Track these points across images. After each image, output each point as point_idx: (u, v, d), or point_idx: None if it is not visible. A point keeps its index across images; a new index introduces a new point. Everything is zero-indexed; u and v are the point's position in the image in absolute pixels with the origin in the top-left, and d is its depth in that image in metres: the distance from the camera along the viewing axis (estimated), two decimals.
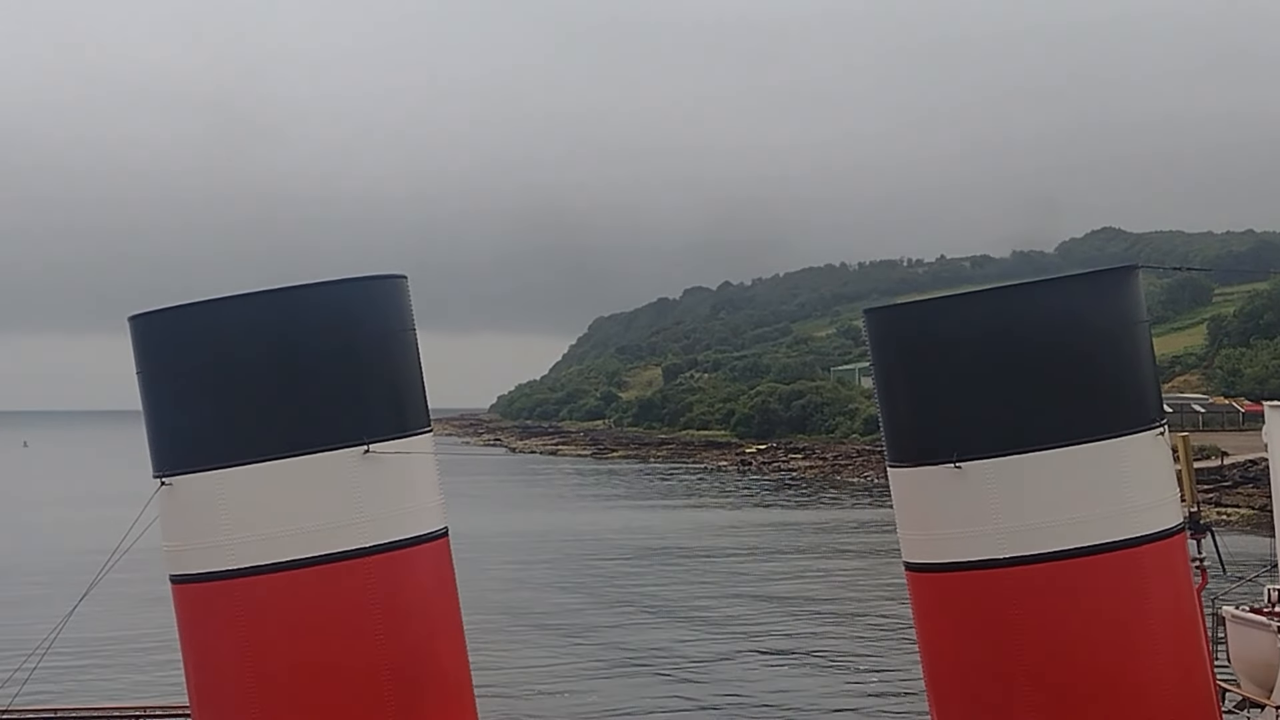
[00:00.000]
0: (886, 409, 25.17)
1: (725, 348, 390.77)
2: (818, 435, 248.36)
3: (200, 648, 23.90)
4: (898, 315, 26.15)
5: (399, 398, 24.19)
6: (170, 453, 23.71)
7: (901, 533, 25.20)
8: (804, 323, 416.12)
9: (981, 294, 25.46)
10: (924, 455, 24.12)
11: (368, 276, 24.39)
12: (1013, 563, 23.34)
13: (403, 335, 24.45)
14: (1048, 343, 23.71)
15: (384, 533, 23.35)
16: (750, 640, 69.13)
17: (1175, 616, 24.06)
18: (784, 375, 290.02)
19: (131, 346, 24.30)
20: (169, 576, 24.17)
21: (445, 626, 24.39)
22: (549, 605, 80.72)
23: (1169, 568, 24.14)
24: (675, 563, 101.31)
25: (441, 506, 24.62)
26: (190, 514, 23.43)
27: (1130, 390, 24.27)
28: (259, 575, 22.96)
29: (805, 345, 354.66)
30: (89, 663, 60.49)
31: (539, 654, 65.18)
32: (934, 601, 24.68)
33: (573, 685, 58.44)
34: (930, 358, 24.16)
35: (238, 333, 23.24)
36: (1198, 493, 26.63)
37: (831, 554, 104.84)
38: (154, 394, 24.04)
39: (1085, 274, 25.50)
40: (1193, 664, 24.28)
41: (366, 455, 23.25)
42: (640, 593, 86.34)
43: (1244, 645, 35.59)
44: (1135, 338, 24.59)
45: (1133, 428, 23.86)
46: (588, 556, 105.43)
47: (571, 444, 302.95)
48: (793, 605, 79.96)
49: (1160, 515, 24.05)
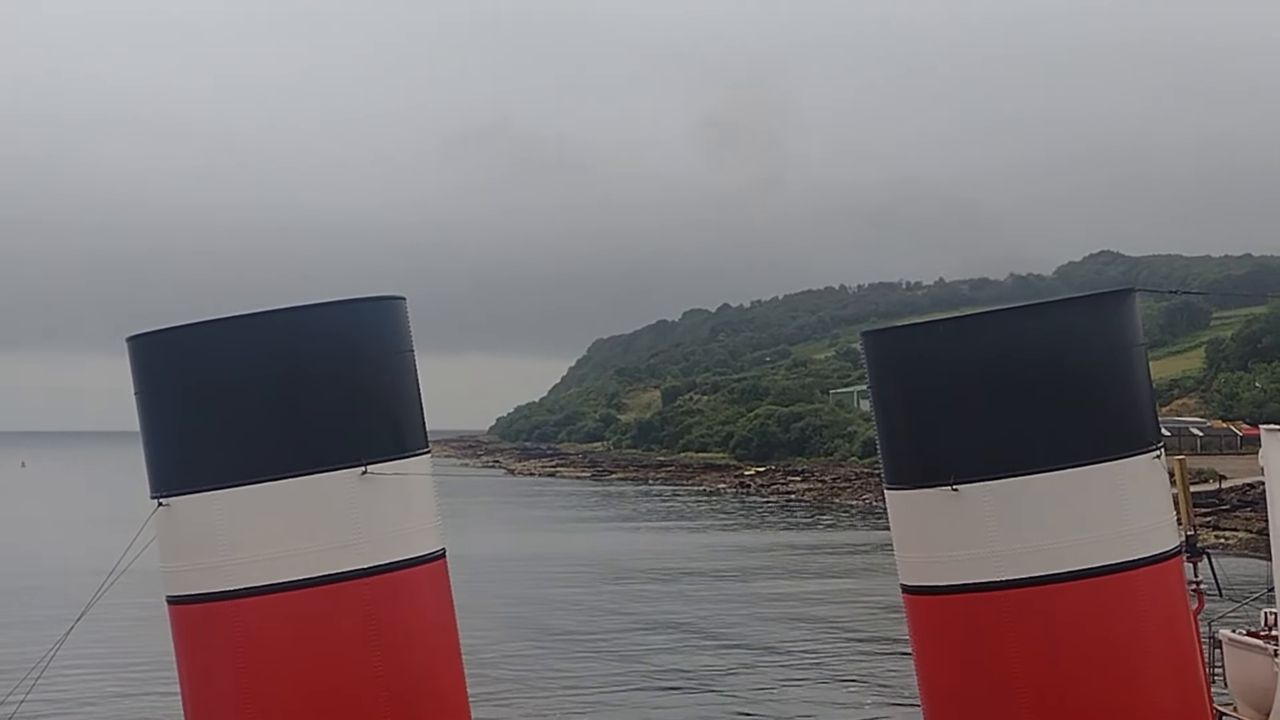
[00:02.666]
0: (884, 431, 25.23)
1: (724, 370, 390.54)
2: (816, 458, 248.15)
3: (197, 669, 23.87)
4: (895, 338, 26.24)
5: (397, 419, 24.20)
6: (168, 473, 23.73)
7: (899, 555, 25.23)
8: (803, 345, 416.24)
9: (979, 317, 25.51)
10: (921, 477, 24.17)
11: (366, 298, 24.43)
12: (1009, 585, 23.38)
13: (401, 357, 24.48)
14: (1045, 365, 23.80)
15: (382, 554, 23.35)
16: (749, 655, 69.08)
17: (1172, 639, 24.09)
18: (783, 397, 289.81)
19: (130, 367, 24.35)
20: (166, 597, 24.16)
21: (443, 648, 24.37)
22: (546, 626, 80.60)
23: (1166, 591, 24.17)
24: (674, 584, 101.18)
25: (440, 528, 24.62)
26: (187, 535, 23.44)
27: (1127, 413, 24.34)
28: (256, 596, 22.96)
29: (804, 368, 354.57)
30: (85, 684, 60.26)
31: (536, 675, 65.03)
32: (930, 623, 24.70)
33: (568, 705, 58.33)
34: (927, 380, 24.23)
35: (236, 353, 23.27)
36: (1195, 516, 26.68)
37: (829, 575, 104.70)
38: (152, 414, 24.06)
39: (1082, 297, 25.57)
40: (1189, 687, 24.29)
41: (364, 476, 23.26)
42: (637, 613, 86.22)
43: (1241, 669, 35.57)
44: (1132, 361, 24.67)
45: (1130, 451, 23.94)
46: (586, 578, 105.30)
47: (570, 466, 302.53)
48: (790, 625, 79.84)
49: (1157, 538, 24.09)
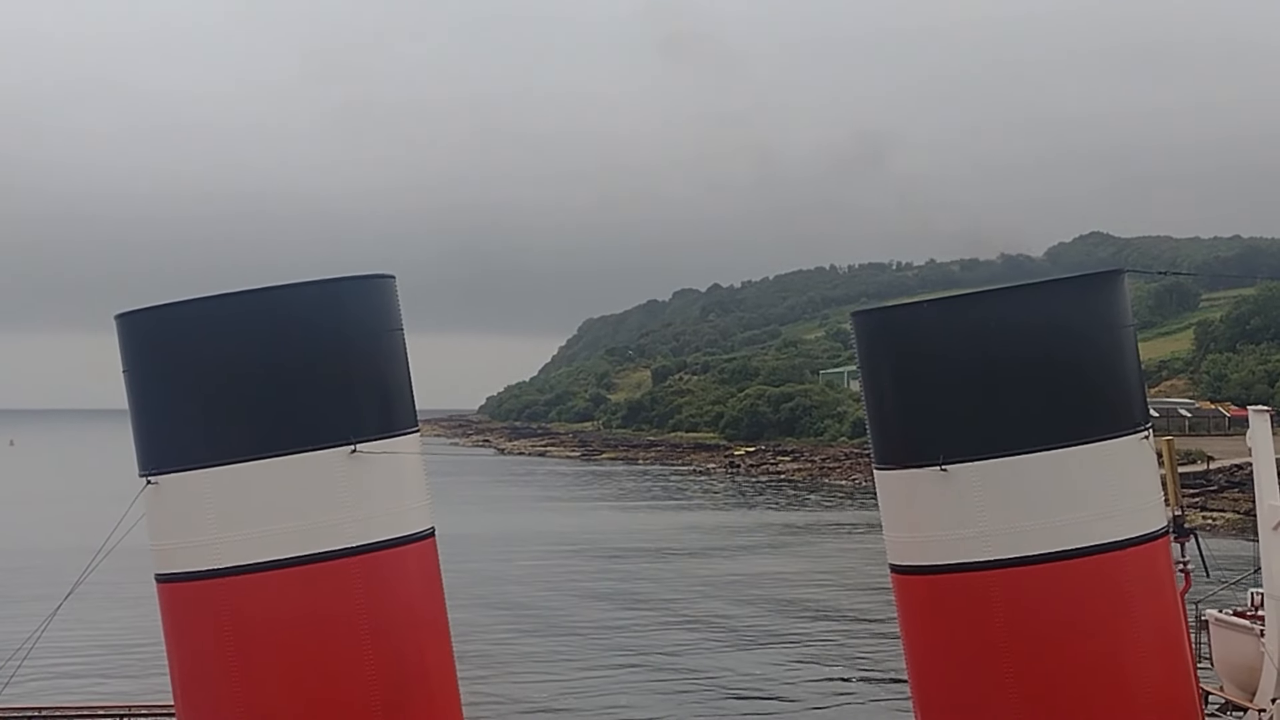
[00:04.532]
0: (873, 411, 25.26)
1: (714, 350, 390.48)
2: (806, 438, 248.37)
3: (185, 646, 23.90)
4: (885, 318, 26.24)
5: (386, 398, 24.20)
6: (157, 451, 23.71)
7: (887, 535, 25.30)
8: (793, 325, 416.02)
9: (967, 298, 25.55)
10: (910, 458, 24.22)
11: (355, 276, 24.40)
12: (996, 565, 23.46)
13: (390, 335, 24.46)
14: (1033, 346, 23.83)
15: (371, 532, 23.38)
16: (737, 637, 69.24)
17: (1159, 619, 24.19)
18: (773, 378, 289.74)
19: (119, 345, 24.30)
20: (155, 575, 24.18)
21: (432, 626, 24.42)
22: (534, 604, 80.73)
23: (1153, 571, 24.27)
24: (660, 562, 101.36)
25: (429, 507, 24.64)
26: (176, 513, 23.44)
27: (1115, 394, 24.39)
28: (245, 574, 22.98)
29: (794, 348, 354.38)
30: (74, 661, 60.26)
31: (524, 652, 65.16)
32: (919, 603, 24.78)
33: (556, 680, 58.45)
34: (916, 361, 24.26)
35: (225, 331, 23.25)
36: (1183, 497, 26.76)
37: (818, 555, 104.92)
38: (141, 392, 24.04)
39: (1071, 278, 25.62)
40: (1176, 667, 24.40)
41: (353, 455, 23.27)
42: (623, 590, 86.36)
43: (1227, 649, 35.71)
44: (1120, 342, 24.70)
45: (1117, 431, 24.00)
46: (572, 556, 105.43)
47: (560, 445, 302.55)
48: (775, 605, 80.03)
49: (1144, 519, 24.18)
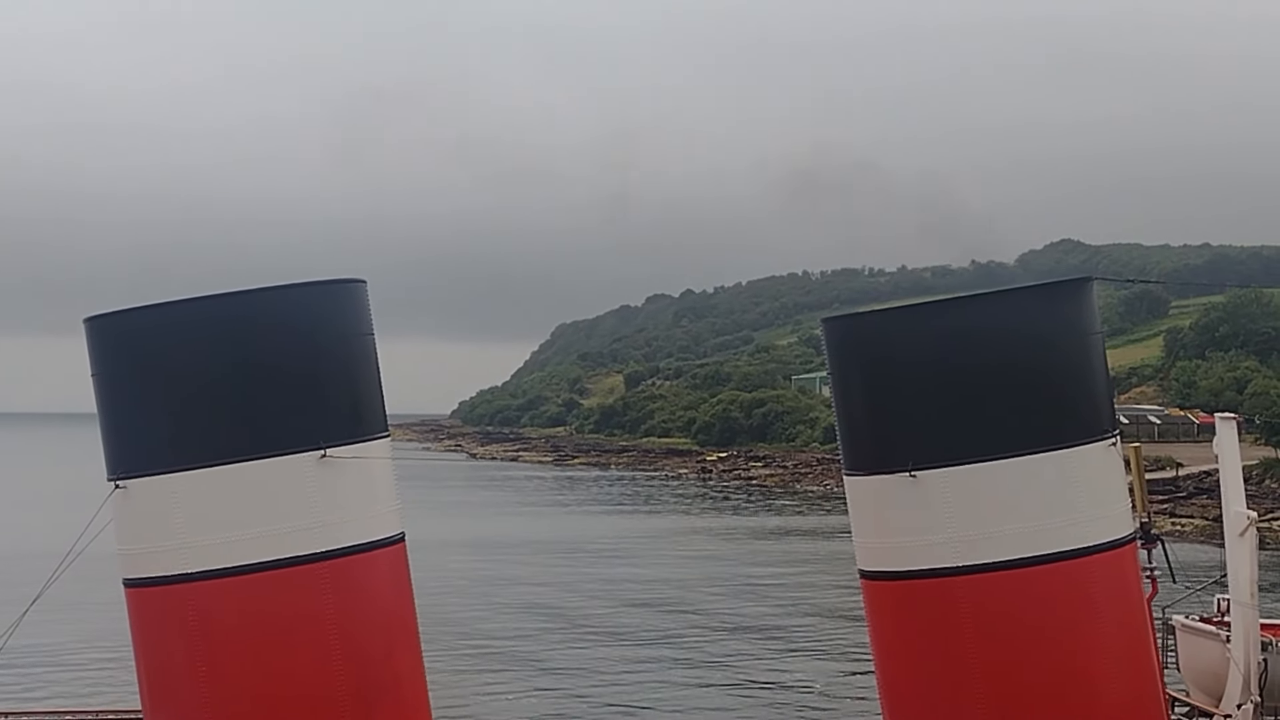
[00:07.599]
0: (843, 417, 25.32)
1: (687, 355, 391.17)
2: (778, 443, 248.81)
3: (153, 652, 23.76)
4: (855, 325, 26.31)
5: (356, 402, 24.13)
6: (125, 455, 23.58)
7: (857, 540, 25.36)
8: (766, 331, 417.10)
9: (936, 304, 25.63)
10: (879, 464, 24.29)
11: (326, 280, 24.32)
12: (965, 571, 23.53)
13: (361, 340, 24.39)
14: (1002, 353, 23.92)
15: (340, 538, 23.29)
16: (710, 642, 69.25)
17: (1126, 625, 24.31)
18: (745, 384, 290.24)
19: (87, 348, 24.17)
20: (122, 580, 24.03)
21: (402, 632, 24.34)
22: (504, 608, 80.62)
23: (1120, 577, 24.40)
24: (628, 567, 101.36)
25: (399, 512, 24.57)
26: (145, 517, 23.31)
27: (1083, 401, 24.51)
28: (213, 579, 22.86)
29: (767, 354, 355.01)
30: (41, 667, 59.88)
31: (494, 658, 65.08)
32: (888, 608, 24.85)
33: (523, 688, 58.38)
34: (886, 367, 24.34)
35: (194, 335, 23.14)
36: (1151, 503, 26.91)
37: (787, 561, 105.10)
38: (109, 396, 23.90)
39: (1040, 285, 25.70)
40: (1142, 673, 24.54)
41: (323, 460, 23.20)
42: (597, 594, 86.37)
43: (1194, 655, 35.83)
44: (1089, 349, 24.83)
45: (1085, 438, 24.11)
46: (543, 562, 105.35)
47: (532, 450, 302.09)
48: (747, 605, 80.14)
49: (1112, 525, 24.30)
